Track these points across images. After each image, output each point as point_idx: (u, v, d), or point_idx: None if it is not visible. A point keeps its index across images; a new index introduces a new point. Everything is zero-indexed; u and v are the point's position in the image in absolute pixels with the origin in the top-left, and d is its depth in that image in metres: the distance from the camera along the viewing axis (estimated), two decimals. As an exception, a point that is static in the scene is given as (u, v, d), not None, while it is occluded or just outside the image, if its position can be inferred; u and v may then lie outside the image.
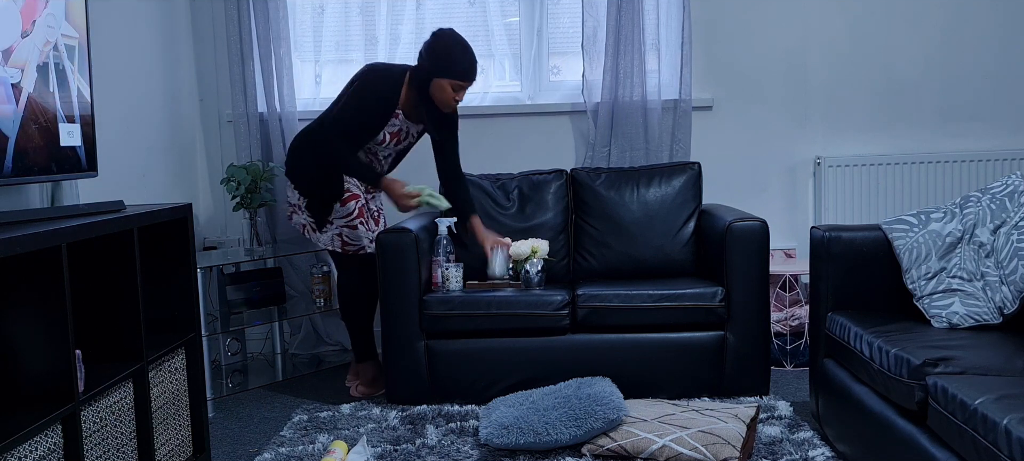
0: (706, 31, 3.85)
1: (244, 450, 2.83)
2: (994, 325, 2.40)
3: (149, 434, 2.28)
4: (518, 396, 2.87)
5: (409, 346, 3.12)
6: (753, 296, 3.05)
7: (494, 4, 3.89)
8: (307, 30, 3.93)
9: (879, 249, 2.65)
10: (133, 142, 3.29)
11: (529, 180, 3.59)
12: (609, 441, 2.54)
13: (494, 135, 3.92)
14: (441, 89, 3.10)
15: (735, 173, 3.93)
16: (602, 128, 3.78)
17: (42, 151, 2.21)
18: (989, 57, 3.87)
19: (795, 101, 3.90)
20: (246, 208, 3.62)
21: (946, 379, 1.92)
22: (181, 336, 2.55)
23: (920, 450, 1.99)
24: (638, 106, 3.75)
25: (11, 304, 1.88)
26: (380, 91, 3.16)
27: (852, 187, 3.82)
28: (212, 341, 3.71)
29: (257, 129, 3.84)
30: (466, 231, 3.35)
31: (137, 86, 3.35)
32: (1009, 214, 2.52)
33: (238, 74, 3.80)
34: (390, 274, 3.08)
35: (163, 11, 3.60)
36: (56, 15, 2.29)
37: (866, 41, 3.86)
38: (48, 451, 1.85)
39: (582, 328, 3.12)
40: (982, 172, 3.82)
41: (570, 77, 3.93)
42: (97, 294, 2.26)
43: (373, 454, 2.66)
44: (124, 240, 2.24)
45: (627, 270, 3.43)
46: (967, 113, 3.89)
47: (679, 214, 3.46)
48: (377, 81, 3.17)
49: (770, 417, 2.88)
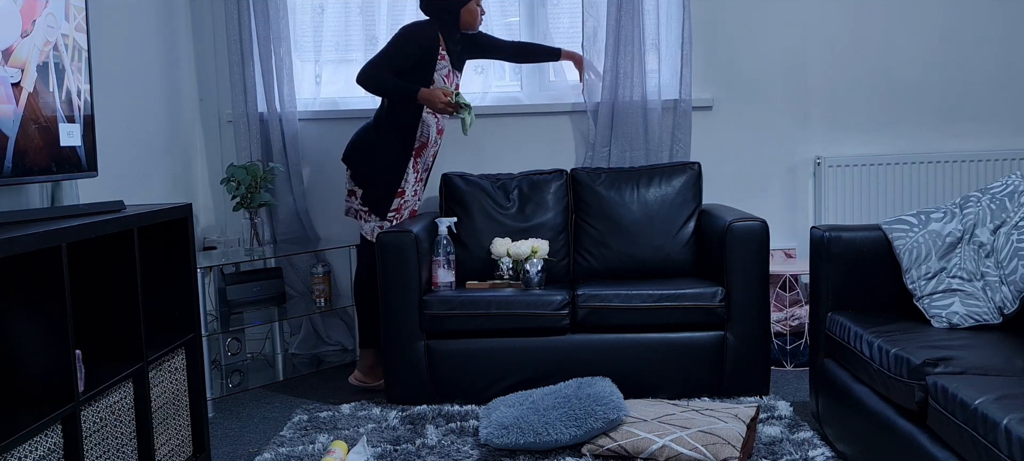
0: (706, 31, 3.85)
1: (244, 450, 2.84)
2: (994, 325, 2.40)
3: (149, 434, 2.28)
4: (518, 396, 2.87)
5: (409, 346, 3.12)
6: (753, 296, 3.05)
7: (494, 4, 3.89)
8: (307, 30, 3.93)
9: (879, 249, 2.65)
10: (133, 142, 3.29)
11: (529, 180, 3.60)
12: (609, 441, 2.54)
13: (494, 135, 3.92)
14: (470, 12, 3.36)
15: (735, 173, 3.93)
16: (602, 128, 3.78)
17: (42, 151, 2.21)
18: (989, 57, 3.87)
19: (795, 101, 3.90)
20: (246, 208, 3.62)
21: (946, 379, 1.92)
22: (181, 336, 2.55)
23: (920, 450, 1.99)
24: (638, 106, 3.76)
25: (11, 304, 1.88)
26: (421, 38, 3.30)
27: (852, 187, 3.82)
28: (212, 341, 3.71)
29: (257, 129, 3.84)
30: (568, 58, 3.73)
31: (137, 86, 3.35)
32: (1009, 214, 2.52)
33: (238, 74, 3.80)
34: (390, 274, 3.08)
35: (163, 11, 3.60)
36: (56, 15, 2.29)
37: (866, 41, 3.87)
38: (48, 451, 1.85)
39: (582, 328, 3.12)
40: (982, 172, 3.82)
41: (571, 77, 3.93)
42: (97, 294, 2.26)
43: (373, 454, 2.66)
44: (124, 240, 2.24)
45: (627, 270, 3.43)
46: (967, 113, 3.89)
47: (679, 214, 3.46)
48: (415, 29, 3.31)
49: (770, 417, 2.88)
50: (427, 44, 3.28)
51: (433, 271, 3.22)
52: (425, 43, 3.28)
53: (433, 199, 3.88)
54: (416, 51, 3.27)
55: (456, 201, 3.54)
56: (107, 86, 3.07)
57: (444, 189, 3.58)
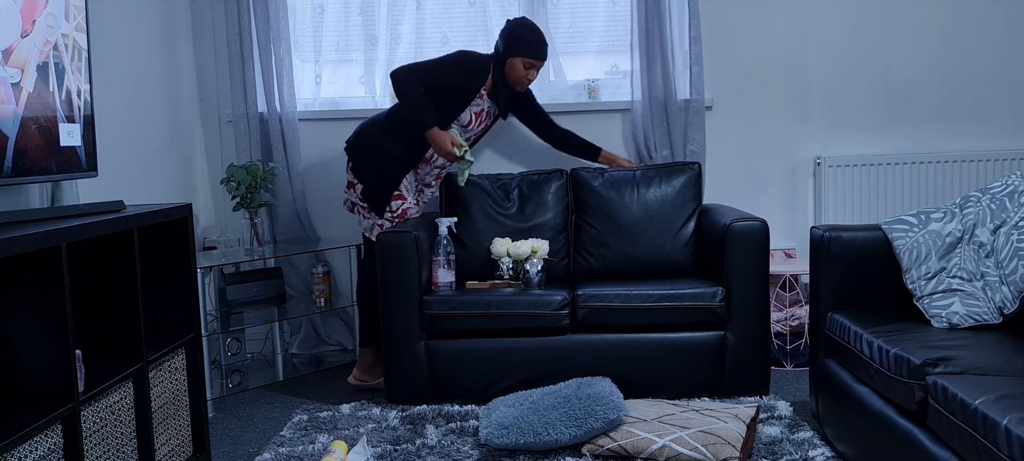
0: (706, 31, 3.85)
1: (244, 450, 2.83)
2: (994, 325, 2.40)
3: (149, 434, 2.28)
4: (518, 396, 2.87)
5: (409, 346, 3.12)
6: (753, 296, 3.05)
7: (494, 4, 3.89)
8: (307, 30, 3.93)
9: (879, 249, 2.65)
10: (133, 142, 3.29)
11: (529, 180, 3.60)
12: (609, 441, 2.54)
13: (494, 135, 3.92)
14: (513, 68, 3.32)
15: (735, 173, 3.93)
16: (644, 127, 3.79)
17: (42, 151, 2.21)
18: (989, 57, 3.87)
19: (795, 101, 3.90)
20: (246, 208, 3.62)
21: (946, 379, 1.92)
22: (181, 336, 2.55)
23: (920, 450, 1.99)
24: (660, 106, 3.77)
25: (11, 304, 1.88)
26: (472, 70, 3.33)
27: (852, 187, 3.82)
28: (212, 341, 3.71)
29: (257, 129, 3.84)
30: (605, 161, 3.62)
31: (137, 86, 3.35)
32: (1009, 214, 2.52)
33: (238, 74, 3.80)
34: (390, 274, 3.08)
35: (163, 11, 3.60)
36: (56, 15, 2.29)
37: (866, 41, 3.87)
38: (48, 451, 1.85)
39: (582, 328, 3.12)
40: (982, 172, 3.82)
41: (571, 77, 3.93)
42: (97, 294, 2.26)
43: (373, 454, 2.66)
44: (124, 240, 2.24)
45: (627, 270, 3.43)
46: (967, 113, 3.89)
47: (679, 214, 3.46)
48: (470, 60, 3.35)
49: (770, 417, 2.88)
50: (471, 77, 3.32)
51: (433, 271, 3.22)
52: (470, 74, 3.32)
53: (433, 199, 3.88)
54: (460, 78, 3.30)
55: (456, 201, 3.54)
56: (107, 86, 3.07)
57: (444, 189, 3.58)
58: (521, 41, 3.30)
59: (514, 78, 3.34)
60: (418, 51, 3.89)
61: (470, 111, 3.36)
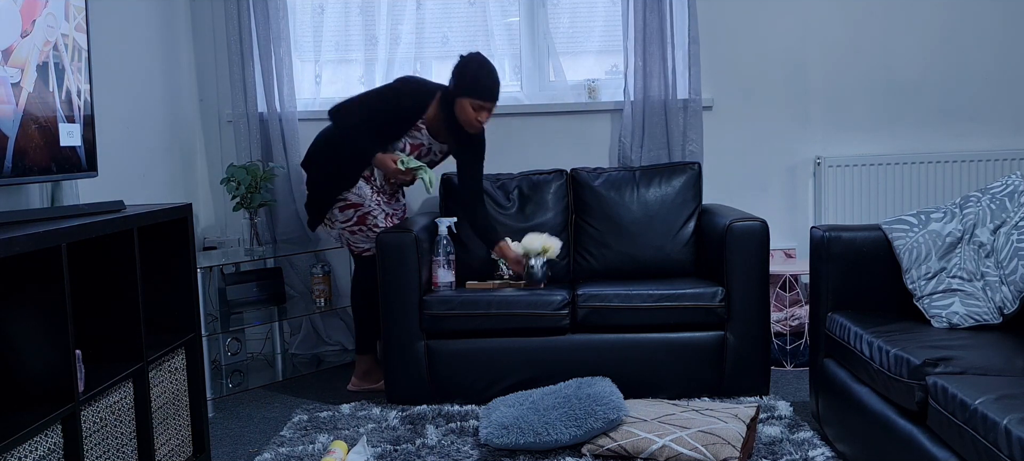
0: (706, 31, 3.85)
1: (244, 450, 2.83)
2: (994, 325, 2.39)
3: (149, 434, 2.28)
4: (518, 396, 2.87)
5: (409, 346, 3.12)
6: (753, 296, 3.05)
7: (494, 4, 3.89)
8: (307, 30, 3.93)
9: (879, 249, 2.65)
10: (133, 142, 3.29)
11: (529, 180, 3.60)
12: (609, 441, 2.54)
13: (494, 135, 3.91)
14: (463, 109, 3.16)
15: (735, 173, 3.93)
16: (636, 127, 3.78)
17: (42, 151, 2.21)
18: (989, 57, 3.87)
19: (795, 101, 3.90)
20: (246, 208, 3.62)
21: (946, 379, 1.92)
22: (181, 336, 2.55)
23: (920, 450, 1.99)
24: (658, 105, 3.76)
25: (11, 304, 1.88)
26: (409, 98, 3.23)
27: (852, 187, 3.82)
28: (212, 341, 3.71)
29: (257, 129, 3.84)
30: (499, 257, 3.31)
31: (137, 86, 3.35)
32: (1009, 214, 2.52)
33: (238, 74, 3.80)
34: (390, 274, 3.08)
35: (163, 11, 3.60)
36: (56, 15, 2.29)
37: (866, 41, 3.87)
38: (48, 451, 1.85)
39: (582, 328, 3.12)
40: (982, 172, 3.82)
41: (571, 77, 3.93)
42: (97, 294, 2.26)
43: (373, 454, 2.66)
44: (124, 240, 2.24)
45: (627, 270, 3.43)
46: (967, 113, 3.89)
47: (679, 214, 3.46)
48: (409, 87, 3.25)
49: (770, 417, 2.88)
50: (407, 106, 3.22)
51: (433, 271, 3.22)
52: (407, 103, 3.22)
53: (433, 199, 3.88)
54: (397, 105, 3.21)
55: (456, 201, 3.54)
56: (107, 86, 3.07)
57: (444, 189, 3.58)
58: (470, 80, 3.12)
59: (463, 119, 3.18)
60: (418, 51, 3.89)
61: (406, 141, 3.27)
